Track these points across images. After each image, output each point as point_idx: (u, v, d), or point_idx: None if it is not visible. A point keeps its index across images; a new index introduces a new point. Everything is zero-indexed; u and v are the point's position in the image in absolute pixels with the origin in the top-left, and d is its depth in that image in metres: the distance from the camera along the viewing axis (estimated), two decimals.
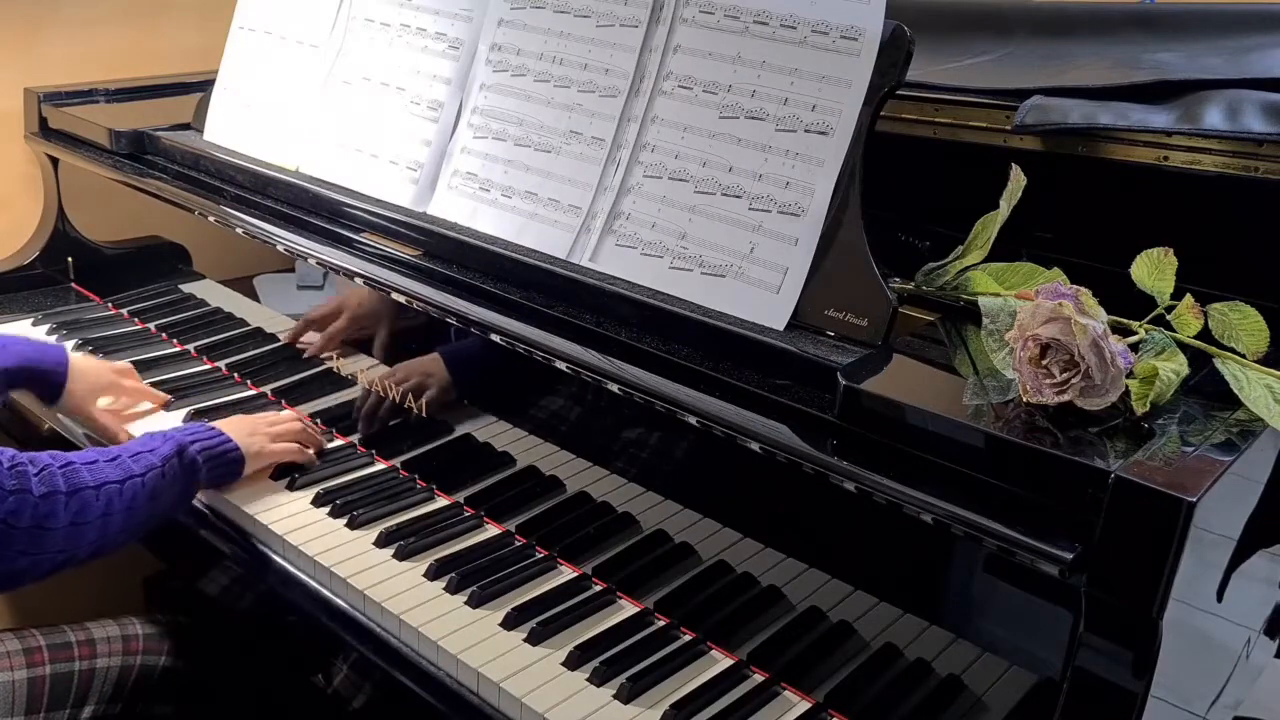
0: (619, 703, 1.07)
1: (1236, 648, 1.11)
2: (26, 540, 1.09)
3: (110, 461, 1.19)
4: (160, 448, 1.26)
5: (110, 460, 1.20)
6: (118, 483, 1.17)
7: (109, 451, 1.22)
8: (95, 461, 1.18)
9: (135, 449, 1.24)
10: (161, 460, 1.24)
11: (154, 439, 1.28)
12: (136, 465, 1.21)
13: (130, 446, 1.25)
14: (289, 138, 1.60)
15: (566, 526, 1.27)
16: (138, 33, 2.11)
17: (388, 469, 1.44)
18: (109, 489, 1.16)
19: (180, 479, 1.27)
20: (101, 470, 1.17)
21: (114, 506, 1.16)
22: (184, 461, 1.27)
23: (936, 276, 1.12)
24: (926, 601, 1.01)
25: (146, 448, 1.25)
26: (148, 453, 1.24)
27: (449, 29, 1.46)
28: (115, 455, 1.21)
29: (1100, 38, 1.48)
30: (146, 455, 1.24)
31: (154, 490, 1.22)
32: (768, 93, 1.16)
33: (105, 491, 1.16)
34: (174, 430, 1.32)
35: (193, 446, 1.29)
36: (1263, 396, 0.93)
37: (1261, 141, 1.14)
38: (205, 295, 1.75)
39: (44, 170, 1.95)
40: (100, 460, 1.19)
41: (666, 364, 1.11)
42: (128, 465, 1.21)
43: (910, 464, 0.94)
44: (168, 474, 1.24)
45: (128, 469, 1.20)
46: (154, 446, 1.26)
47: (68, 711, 1.29)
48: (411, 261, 1.36)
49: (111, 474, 1.18)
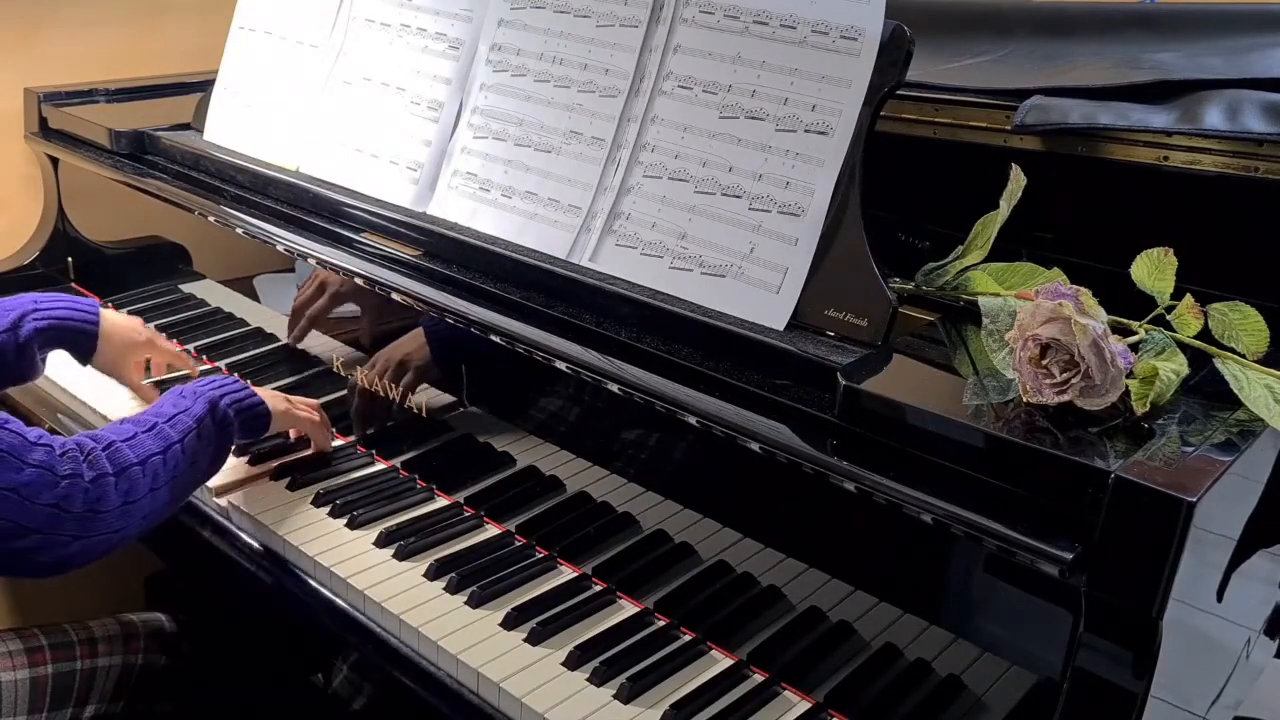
0: (619, 703, 1.07)
1: (1236, 648, 1.10)
2: (78, 525, 1.08)
3: (149, 432, 1.18)
4: (193, 407, 1.24)
5: (149, 430, 1.18)
6: (159, 454, 1.16)
7: (143, 420, 1.20)
8: (134, 436, 1.16)
9: (170, 412, 1.22)
10: (196, 421, 1.23)
11: (185, 398, 1.26)
12: (174, 431, 1.20)
13: (164, 409, 1.23)
14: (289, 138, 1.60)
15: (566, 526, 1.27)
16: (138, 33, 2.11)
17: (388, 469, 1.44)
18: (153, 462, 1.15)
19: (215, 437, 1.26)
20: (142, 444, 1.16)
21: (160, 479, 1.16)
22: (217, 418, 1.26)
23: (936, 276, 1.12)
24: (926, 601, 1.01)
25: (180, 408, 1.23)
26: (182, 414, 1.22)
27: (449, 29, 1.46)
28: (151, 424, 1.19)
29: (1100, 38, 1.48)
30: (182, 418, 1.22)
31: (194, 454, 1.21)
32: (768, 93, 1.16)
33: (150, 466, 1.15)
34: (202, 384, 1.29)
35: (223, 401, 1.27)
36: (1263, 396, 0.93)
37: (1261, 141, 1.14)
38: (205, 295, 1.75)
39: (44, 170, 1.95)
40: (139, 433, 1.17)
41: (666, 364, 1.11)
42: (166, 433, 1.19)
43: (910, 464, 0.94)
44: (204, 434, 1.23)
45: (167, 437, 1.19)
46: (186, 406, 1.24)
47: (70, 711, 1.29)
48: (411, 261, 1.36)
49: (153, 445, 1.16)
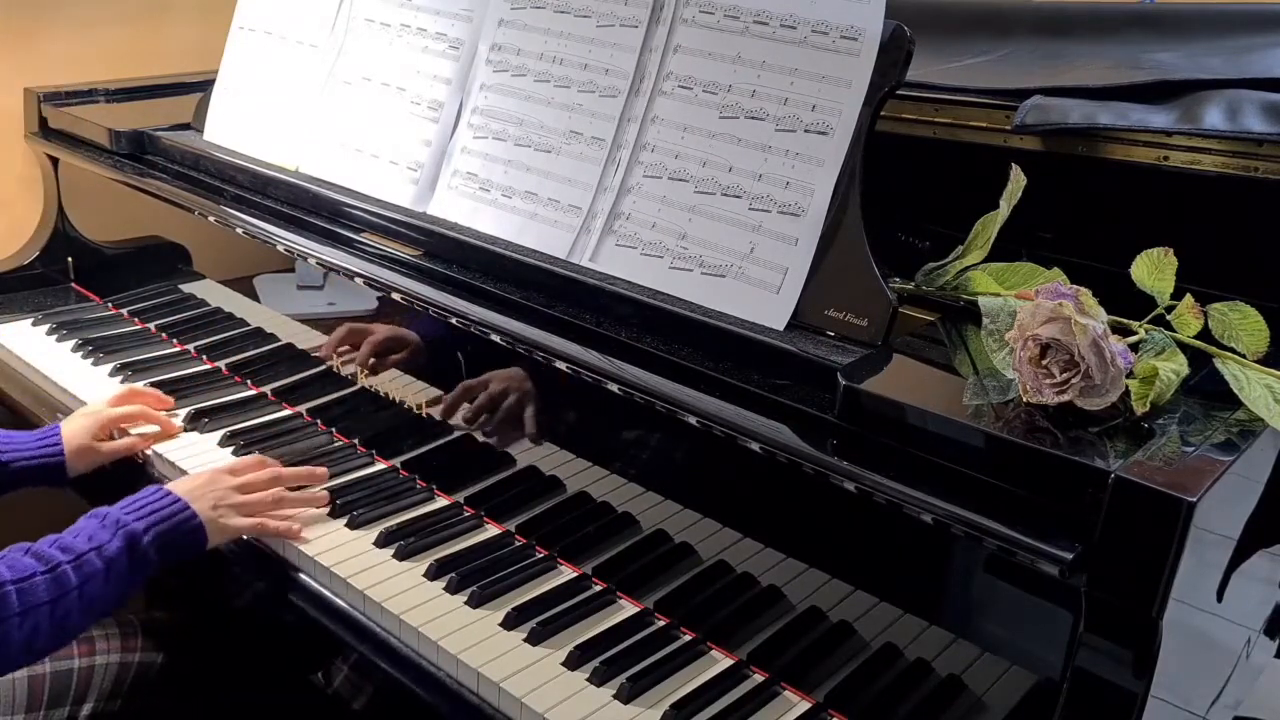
0: (619, 703, 1.07)
1: (1236, 648, 1.11)
2: None
3: (48, 574, 1.11)
4: (108, 544, 1.16)
5: (48, 572, 1.11)
6: (48, 603, 1.10)
7: (49, 557, 1.13)
8: (31, 577, 1.10)
9: (81, 548, 1.15)
10: (106, 563, 1.15)
11: (105, 528, 1.17)
12: (76, 575, 1.12)
13: (77, 542, 1.15)
14: (289, 138, 1.60)
15: (566, 526, 1.27)
16: (138, 33, 2.11)
17: (388, 469, 1.44)
18: (38, 613, 1.09)
19: (126, 576, 1.17)
20: (34, 590, 1.09)
21: (40, 630, 1.10)
22: (135, 556, 1.17)
23: (936, 276, 1.12)
24: (926, 601, 1.01)
25: (95, 543, 1.15)
26: (93, 553, 1.15)
27: (449, 29, 1.46)
28: (55, 564, 1.12)
29: (1100, 38, 1.48)
30: (91, 558, 1.14)
31: (92, 599, 1.14)
32: (768, 93, 1.16)
33: (32, 617, 1.09)
34: (129, 509, 1.21)
35: (146, 536, 1.18)
36: (1263, 396, 0.93)
37: (1261, 141, 1.14)
38: (205, 295, 1.75)
39: (44, 170, 1.95)
40: (37, 574, 1.10)
41: (667, 364, 1.11)
42: (66, 578, 1.12)
43: (910, 464, 0.94)
44: (114, 576, 1.15)
45: (64, 584, 1.11)
46: (102, 542, 1.16)
47: (67, 709, 1.29)
48: (411, 261, 1.36)
49: (44, 593, 1.10)
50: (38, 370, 1.68)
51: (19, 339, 1.77)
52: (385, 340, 1.43)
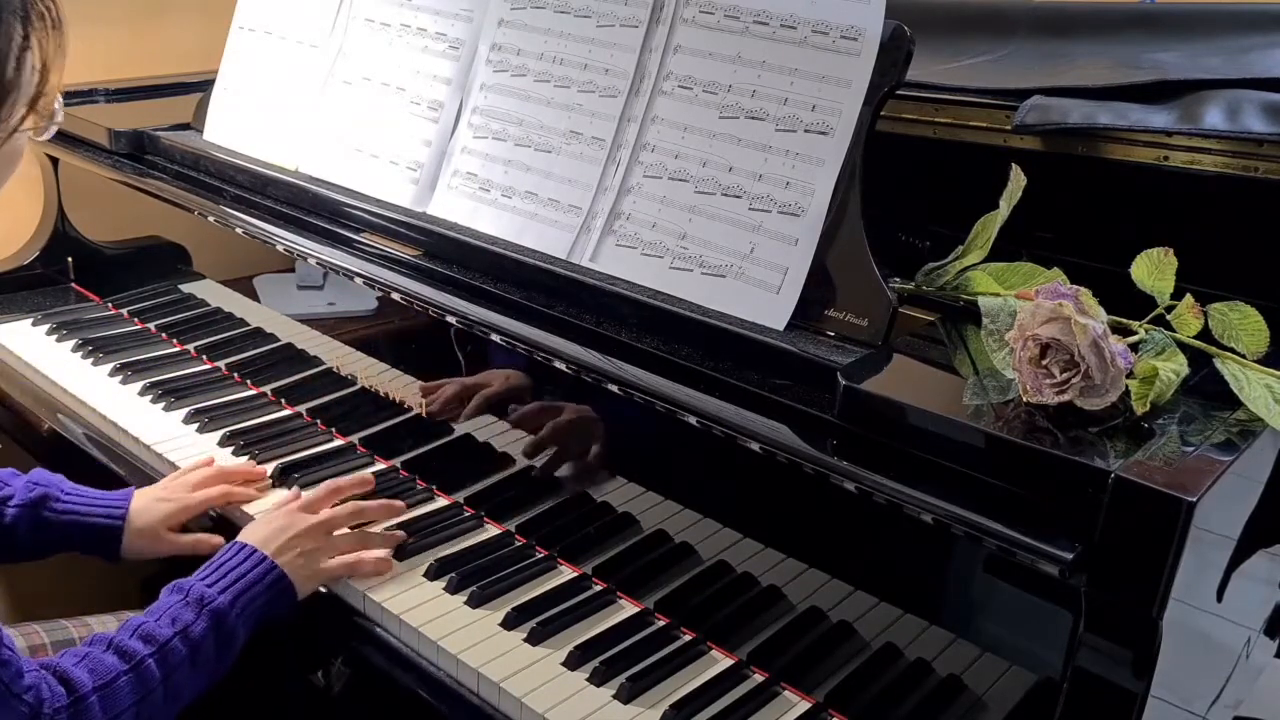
0: (619, 703, 1.07)
1: (1236, 648, 1.11)
2: None
3: (131, 673, 1.03)
4: (194, 625, 1.08)
5: (130, 671, 1.03)
6: (133, 706, 1.02)
7: (131, 651, 1.04)
8: (114, 680, 1.02)
9: (164, 635, 1.06)
10: (192, 648, 1.07)
11: (188, 608, 1.09)
12: (160, 668, 1.05)
13: (160, 630, 1.06)
14: (289, 138, 1.60)
15: (566, 526, 1.27)
16: (138, 33, 2.11)
17: (388, 469, 1.44)
18: (123, 717, 1.02)
19: (214, 658, 1.09)
20: (118, 695, 1.02)
21: None
22: (222, 635, 1.09)
23: (936, 276, 1.12)
24: (926, 601, 1.01)
25: (179, 626, 1.07)
26: (177, 638, 1.06)
27: (449, 29, 1.46)
28: (139, 659, 1.04)
29: (1100, 38, 1.48)
30: (176, 645, 1.06)
31: (179, 688, 1.06)
32: (768, 93, 1.16)
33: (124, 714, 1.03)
34: (213, 581, 1.12)
35: (233, 613, 1.10)
36: (1263, 396, 0.93)
37: (1261, 141, 1.14)
38: (205, 295, 1.75)
39: (44, 170, 1.95)
40: (120, 675, 1.02)
41: (667, 364, 1.11)
42: (149, 673, 1.04)
43: (910, 464, 0.94)
44: (201, 660, 1.08)
45: (148, 680, 1.04)
46: (186, 624, 1.07)
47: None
48: (411, 261, 1.36)
49: (128, 695, 1.02)
50: (38, 370, 1.68)
51: (19, 339, 1.77)
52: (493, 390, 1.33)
